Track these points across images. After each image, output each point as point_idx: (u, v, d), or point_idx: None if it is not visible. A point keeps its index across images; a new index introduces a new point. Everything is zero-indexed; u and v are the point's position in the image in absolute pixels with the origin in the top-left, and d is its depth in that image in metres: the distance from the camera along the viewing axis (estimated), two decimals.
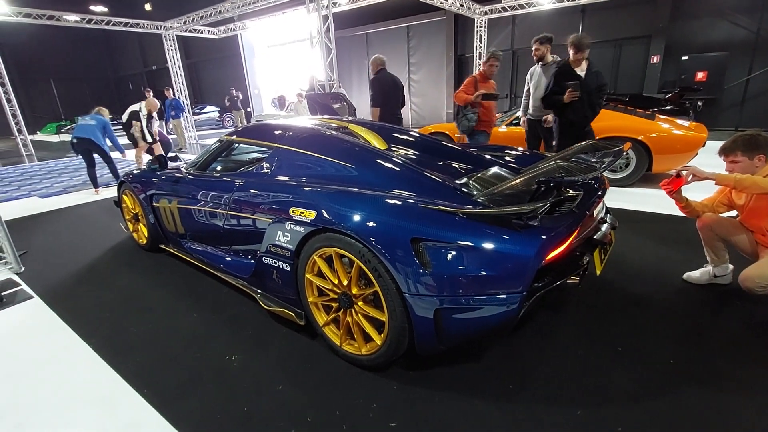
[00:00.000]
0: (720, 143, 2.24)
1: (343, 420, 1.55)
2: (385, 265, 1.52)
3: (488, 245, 1.45)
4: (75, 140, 5.53)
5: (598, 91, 3.68)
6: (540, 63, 4.28)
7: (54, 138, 17.07)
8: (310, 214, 1.77)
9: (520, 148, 3.09)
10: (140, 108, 6.60)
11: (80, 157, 5.73)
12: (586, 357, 1.85)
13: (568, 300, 2.32)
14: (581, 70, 3.63)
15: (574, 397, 1.61)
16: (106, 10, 13.95)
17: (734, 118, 9.16)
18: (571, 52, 3.60)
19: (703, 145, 4.48)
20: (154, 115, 6.94)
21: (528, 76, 4.49)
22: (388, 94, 4.74)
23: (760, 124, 8.58)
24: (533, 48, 4.26)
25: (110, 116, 6.11)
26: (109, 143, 5.77)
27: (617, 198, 4.22)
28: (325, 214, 1.72)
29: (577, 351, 1.89)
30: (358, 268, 1.65)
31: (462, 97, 4.15)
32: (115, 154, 5.89)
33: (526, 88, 4.52)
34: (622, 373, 1.74)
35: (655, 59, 9.46)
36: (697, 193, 2.50)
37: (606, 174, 4.73)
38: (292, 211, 1.85)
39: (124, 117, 6.59)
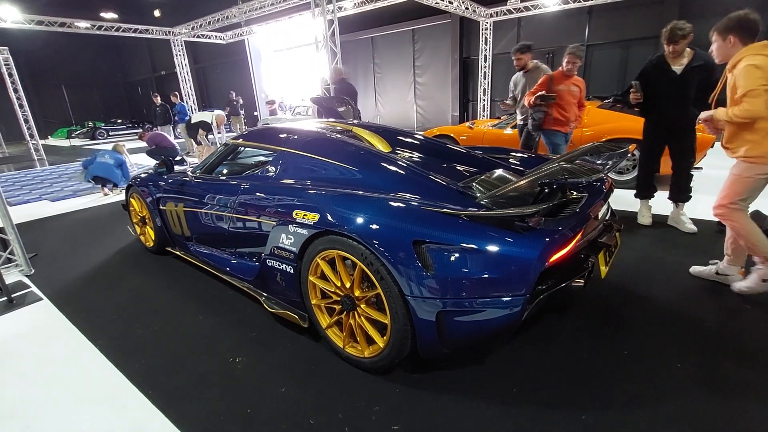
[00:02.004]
0: None
1: (345, 423, 1.55)
2: (387, 267, 1.52)
3: (490, 247, 1.45)
4: (92, 179, 5.86)
5: (702, 92, 3.02)
6: (522, 71, 4.21)
7: (65, 142, 17.36)
8: (313, 217, 1.78)
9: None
10: (212, 120, 7.59)
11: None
12: (591, 360, 1.83)
13: (574, 303, 2.30)
14: (679, 65, 3.08)
15: (579, 401, 1.60)
16: (116, 16, 14.20)
17: None
18: (664, 44, 3.10)
19: (712, 146, 4.41)
20: (221, 128, 7.93)
21: (512, 84, 4.40)
22: (354, 100, 5.54)
23: None
24: (514, 59, 4.12)
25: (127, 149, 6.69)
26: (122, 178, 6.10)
27: (624, 200, 4.17)
28: (328, 217, 1.73)
29: (582, 354, 1.87)
30: (360, 270, 1.66)
31: (526, 98, 4.03)
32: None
33: (510, 96, 4.48)
34: (627, 376, 1.72)
35: None
36: (705, 195, 2.46)
37: (613, 176, 4.73)
38: (296, 214, 1.87)
39: (194, 119, 7.63)
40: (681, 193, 3.37)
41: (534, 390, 1.67)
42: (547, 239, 1.48)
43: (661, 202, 3.58)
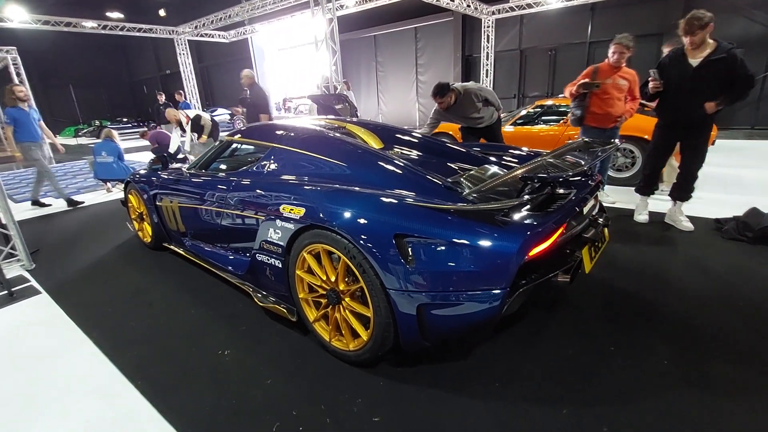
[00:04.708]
0: (734, 142, 2.21)
1: (327, 414, 1.57)
2: (369, 260, 1.54)
3: (470, 241, 1.46)
4: (99, 180, 5.97)
5: (721, 86, 2.80)
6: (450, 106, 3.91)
7: (72, 141, 17.55)
8: (299, 211, 1.80)
9: (525, 148, 3.06)
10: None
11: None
12: (576, 356, 1.83)
13: (561, 299, 2.30)
14: (697, 58, 2.91)
15: (561, 397, 1.60)
16: (122, 16, 14.33)
17: (750, 117, 8.91)
18: (681, 36, 2.93)
19: (712, 143, 4.37)
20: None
21: (436, 114, 4.04)
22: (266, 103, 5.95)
23: None
24: (437, 103, 3.85)
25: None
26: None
27: (621, 197, 4.15)
28: (313, 211, 1.75)
29: (568, 350, 1.87)
30: (344, 264, 1.67)
31: (568, 89, 3.81)
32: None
33: (431, 122, 4.13)
34: (612, 372, 1.72)
35: None
36: (703, 192, 2.45)
37: (611, 173, 4.69)
38: (283, 209, 1.89)
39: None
40: (683, 192, 3.31)
41: (517, 385, 1.68)
42: (527, 233, 1.48)
43: (658, 200, 3.56)
